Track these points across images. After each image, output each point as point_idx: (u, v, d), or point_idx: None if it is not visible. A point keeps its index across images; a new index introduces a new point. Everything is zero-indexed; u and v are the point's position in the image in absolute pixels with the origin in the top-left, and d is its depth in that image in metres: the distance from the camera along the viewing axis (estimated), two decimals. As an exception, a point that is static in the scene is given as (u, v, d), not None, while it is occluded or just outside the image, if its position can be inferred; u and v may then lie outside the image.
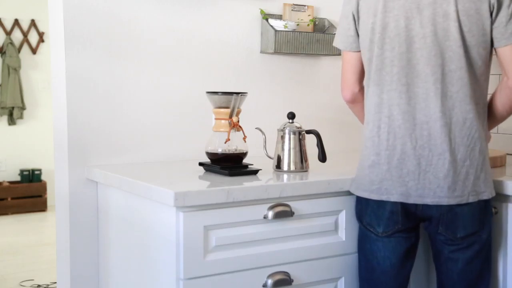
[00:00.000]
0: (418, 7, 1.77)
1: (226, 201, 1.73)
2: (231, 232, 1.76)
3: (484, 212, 1.82)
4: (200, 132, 2.29)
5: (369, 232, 1.87)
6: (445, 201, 1.75)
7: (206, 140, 2.08)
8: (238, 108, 2.03)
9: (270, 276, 1.82)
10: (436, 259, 1.89)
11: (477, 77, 1.79)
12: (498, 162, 2.23)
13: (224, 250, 1.75)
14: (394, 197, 1.79)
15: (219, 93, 2.03)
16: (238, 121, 2.03)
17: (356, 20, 1.88)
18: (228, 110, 2.01)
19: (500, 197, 1.92)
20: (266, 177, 1.96)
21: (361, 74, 1.93)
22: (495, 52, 1.82)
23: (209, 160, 2.06)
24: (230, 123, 2.01)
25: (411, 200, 1.78)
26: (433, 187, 1.75)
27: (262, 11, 2.53)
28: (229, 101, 2.01)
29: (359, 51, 1.90)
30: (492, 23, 1.76)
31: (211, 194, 1.72)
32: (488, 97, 1.88)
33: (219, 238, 1.73)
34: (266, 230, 1.81)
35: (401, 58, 1.78)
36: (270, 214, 1.80)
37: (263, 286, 1.81)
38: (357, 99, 1.95)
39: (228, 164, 2.01)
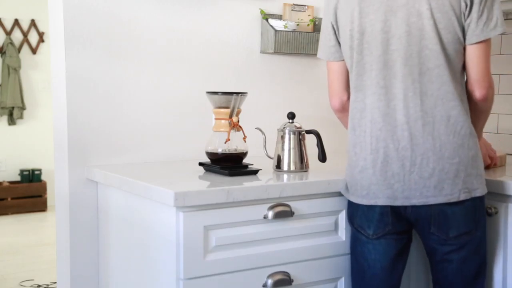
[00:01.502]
0: (391, 9, 1.77)
1: (226, 201, 1.73)
2: (231, 232, 1.76)
3: (478, 211, 1.80)
4: (200, 132, 2.29)
5: (360, 235, 1.87)
6: (432, 200, 1.74)
7: (206, 140, 2.08)
8: (238, 108, 2.03)
9: (270, 276, 1.82)
10: (431, 259, 1.88)
11: (457, 73, 1.78)
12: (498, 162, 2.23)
13: (224, 250, 1.75)
14: (381, 201, 1.78)
15: (219, 93, 2.03)
16: (238, 121, 2.03)
17: (335, 29, 1.89)
18: (228, 110, 2.01)
19: (500, 197, 1.92)
20: (266, 177, 1.96)
21: (347, 82, 1.92)
22: (464, 49, 1.78)
23: (209, 160, 2.06)
24: (230, 123, 2.01)
25: (398, 203, 1.77)
26: (419, 188, 1.75)
27: (262, 11, 2.53)
28: (229, 101, 2.01)
29: (343, 60, 1.91)
30: (464, 19, 1.74)
31: (211, 194, 1.72)
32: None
33: (219, 238, 1.73)
34: (266, 230, 1.81)
35: (379, 61, 1.78)
36: (270, 214, 1.80)
37: (263, 286, 1.81)
38: (346, 108, 1.93)
39: (228, 164, 2.01)
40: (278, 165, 2.07)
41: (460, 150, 1.74)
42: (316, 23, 2.63)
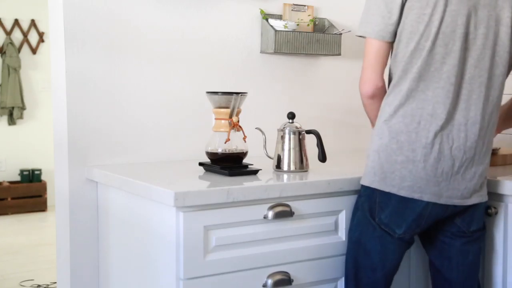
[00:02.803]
0: (475, 6, 1.74)
1: (226, 201, 1.73)
2: (231, 232, 1.76)
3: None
4: (200, 132, 2.29)
5: (383, 232, 1.79)
6: (469, 201, 1.78)
7: (206, 140, 2.08)
8: (238, 108, 2.03)
9: (270, 276, 1.82)
10: (443, 256, 1.87)
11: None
12: (508, 160, 2.31)
13: (224, 250, 1.75)
14: (427, 197, 1.73)
15: (219, 93, 2.03)
16: (238, 121, 2.03)
17: (402, 7, 1.74)
18: (228, 110, 2.01)
19: (500, 197, 1.92)
20: (266, 177, 1.96)
21: (385, 67, 1.83)
22: None
23: (209, 160, 2.06)
24: (230, 123, 2.01)
25: (442, 201, 1.75)
26: (461, 188, 1.76)
27: (262, 11, 2.53)
28: (229, 101, 2.01)
29: (393, 41, 1.79)
30: None
31: (211, 194, 1.72)
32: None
33: (219, 238, 1.73)
34: (266, 230, 1.81)
35: (454, 56, 1.73)
36: (270, 214, 1.80)
37: (263, 286, 1.81)
38: (378, 95, 1.81)
39: (228, 164, 2.01)
40: (278, 165, 2.07)
41: (489, 156, 1.83)
42: (316, 23, 2.63)
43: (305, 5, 2.63)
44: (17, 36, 6.26)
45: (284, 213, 1.82)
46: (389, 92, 1.79)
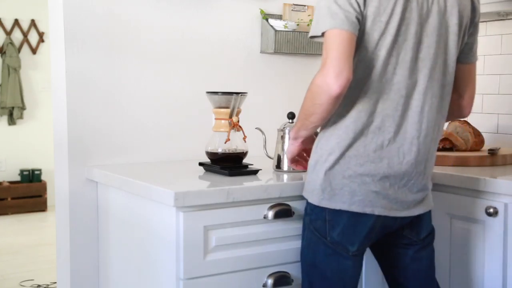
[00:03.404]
0: (427, 13, 1.64)
1: (226, 201, 1.73)
2: (231, 232, 1.76)
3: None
4: (200, 132, 2.29)
5: (336, 251, 1.67)
6: (416, 211, 1.72)
7: (206, 140, 2.08)
8: (238, 108, 2.03)
9: (270, 276, 1.82)
10: (397, 266, 1.81)
11: None
12: (508, 160, 2.30)
13: (224, 250, 1.75)
14: (377, 210, 1.64)
15: (219, 93, 2.03)
16: (238, 121, 2.03)
17: (362, 6, 1.58)
18: (228, 110, 2.01)
19: (500, 197, 1.92)
20: (266, 177, 1.96)
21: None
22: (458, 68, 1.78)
23: (209, 160, 2.06)
24: (230, 123, 2.01)
25: (391, 213, 1.67)
26: (408, 200, 1.69)
27: (262, 11, 2.53)
28: (229, 101, 2.01)
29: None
30: (467, 38, 1.76)
31: (211, 194, 1.72)
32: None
33: (219, 238, 1.73)
34: (266, 230, 1.81)
35: (405, 67, 1.62)
36: (270, 214, 1.80)
37: (263, 286, 1.81)
38: (344, 92, 1.57)
39: (228, 164, 2.01)
40: (278, 165, 2.07)
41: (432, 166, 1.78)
42: (316, 23, 2.63)
43: (305, 5, 2.63)
44: (17, 36, 6.26)
45: (284, 213, 1.82)
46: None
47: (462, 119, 2.49)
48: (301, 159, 1.92)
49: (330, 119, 1.65)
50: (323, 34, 1.59)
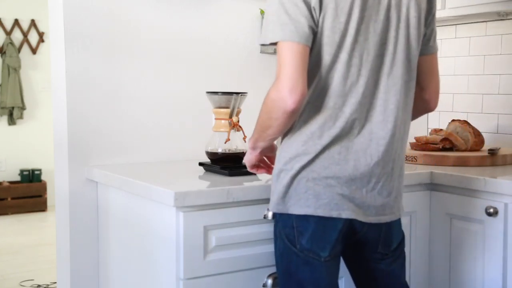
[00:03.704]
0: (388, 8, 1.59)
1: (226, 201, 1.73)
2: (231, 232, 1.76)
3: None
4: (200, 132, 2.29)
5: (308, 258, 1.60)
6: (384, 219, 1.65)
7: (206, 140, 2.08)
8: (238, 108, 2.03)
9: (270, 276, 1.82)
10: (370, 280, 1.75)
11: None
12: (508, 160, 2.30)
13: (224, 250, 1.75)
14: (345, 213, 1.57)
15: (219, 93, 2.03)
16: (238, 121, 2.03)
17: (315, 12, 1.52)
18: (228, 110, 2.01)
19: (500, 197, 1.92)
20: (266, 177, 1.96)
21: None
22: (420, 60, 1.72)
23: (209, 160, 2.06)
24: (230, 123, 2.01)
25: (360, 218, 1.59)
26: (377, 205, 1.62)
27: (262, 11, 2.53)
28: (229, 101, 2.01)
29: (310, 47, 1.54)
30: (426, 29, 1.71)
31: (211, 194, 1.72)
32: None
33: (219, 238, 1.73)
34: (266, 230, 1.81)
35: (368, 67, 1.57)
36: (270, 214, 1.79)
37: (263, 286, 1.81)
38: (301, 107, 1.54)
39: (228, 164, 2.01)
40: (278, 165, 2.07)
41: (403, 168, 1.71)
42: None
43: (305, 5, 2.62)
44: (17, 36, 6.26)
45: (284, 213, 1.82)
46: (303, 109, 1.58)
47: (462, 120, 2.50)
48: (261, 163, 1.84)
49: (294, 126, 1.60)
50: (272, 43, 1.56)
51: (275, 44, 1.55)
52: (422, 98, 1.78)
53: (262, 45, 1.55)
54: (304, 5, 1.51)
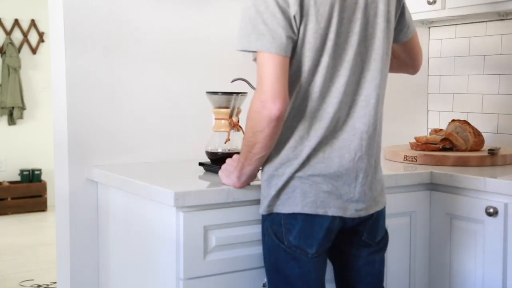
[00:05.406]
0: (365, 6, 1.61)
1: (226, 201, 1.73)
2: (231, 232, 1.76)
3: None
4: (200, 132, 2.29)
5: (296, 254, 1.62)
6: (372, 210, 1.68)
7: (206, 140, 2.08)
8: (238, 108, 2.03)
9: (270, 276, 1.82)
10: (350, 268, 1.77)
11: None
12: (508, 160, 2.30)
13: (224, 250, 1.75)
14: (332, 211, 1.60)
15: (219, 93, 2.03)
16: (238, 121, 2.03)
17: (296, 21, 1.53)
18: (228, 110, 2.01)
19: (500, 197, 1.92)
20: (266, 177, 1.96)
21: None
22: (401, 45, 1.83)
23: (209, 160, 2.06)
24: (230, 123, 2.01)
25: (347, 214, 1.62)
26: (366, 199, 1.65)
27: (262, 11, 2.52)
28: (229, 101, 2.01)
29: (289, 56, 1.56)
30: (395, 22, 1.73)
31: (211, 194, 1.72)
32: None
33: (219, 238, 1.73)
34: (266, 230, 1.81)
35: (347, 66, 1.60)
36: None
37: (263, 286, 1.81)
38: (284, 115, 1.56)
39: (228, 164, 2.00)
40: (278, 165, 2.07)
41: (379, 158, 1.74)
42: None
43: (305, 5, 2.62)
44: (17, 36, 6.27)
45: (284, 213, 1.82)
46: (287, 115, 1.60)
47: (462, 120, 2.50)
48: None
49: (281, 132, 1.59)
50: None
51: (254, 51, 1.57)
52: (409, 70, 1.95)
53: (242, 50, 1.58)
54: (282, 16, 1.52)
